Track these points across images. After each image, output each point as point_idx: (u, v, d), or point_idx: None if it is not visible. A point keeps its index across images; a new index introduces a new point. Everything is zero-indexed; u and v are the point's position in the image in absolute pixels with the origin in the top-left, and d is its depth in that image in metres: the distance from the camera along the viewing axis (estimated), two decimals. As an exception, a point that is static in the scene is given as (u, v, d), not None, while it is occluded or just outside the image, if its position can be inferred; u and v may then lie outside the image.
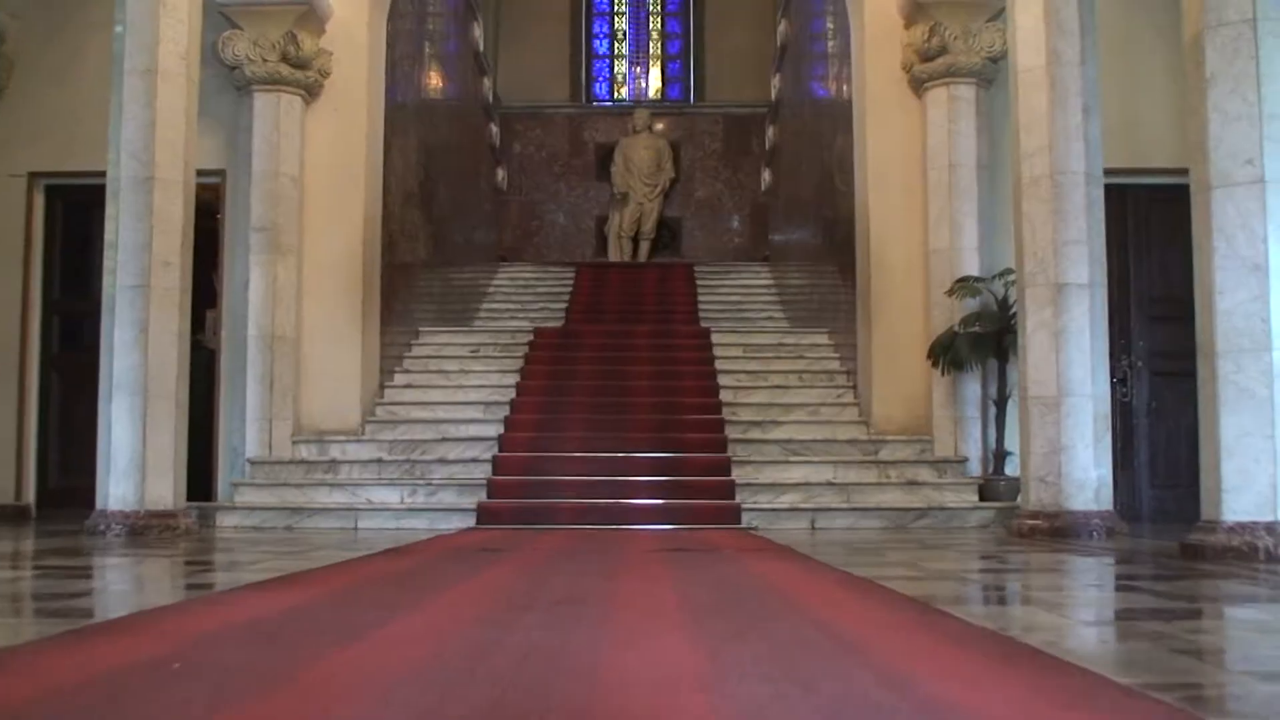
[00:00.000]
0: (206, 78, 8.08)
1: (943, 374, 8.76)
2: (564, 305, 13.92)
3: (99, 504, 6.94)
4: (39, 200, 9.75)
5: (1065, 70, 7.06)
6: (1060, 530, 6.77)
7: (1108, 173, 7.45)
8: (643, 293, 14.57)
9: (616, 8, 19.16)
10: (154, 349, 6.95)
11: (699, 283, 14.80)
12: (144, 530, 6.78)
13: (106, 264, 7.06)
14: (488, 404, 9.73)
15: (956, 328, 8.73)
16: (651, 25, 19.12)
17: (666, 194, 17.63)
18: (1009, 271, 8.56)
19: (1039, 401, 6.96)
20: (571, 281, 14.84)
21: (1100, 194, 7.12)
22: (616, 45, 19.09)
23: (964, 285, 8.66)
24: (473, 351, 10.82)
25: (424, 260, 11.41)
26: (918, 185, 9.24)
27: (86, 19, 9.52)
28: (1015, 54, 7.24)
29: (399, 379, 10.17)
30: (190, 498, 7.51)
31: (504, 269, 15.34)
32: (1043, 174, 7.04)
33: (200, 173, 7.77)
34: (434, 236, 11.79)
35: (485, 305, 13.88)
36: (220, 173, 9.43)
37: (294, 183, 9.11)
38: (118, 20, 7.19)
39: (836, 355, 10.60)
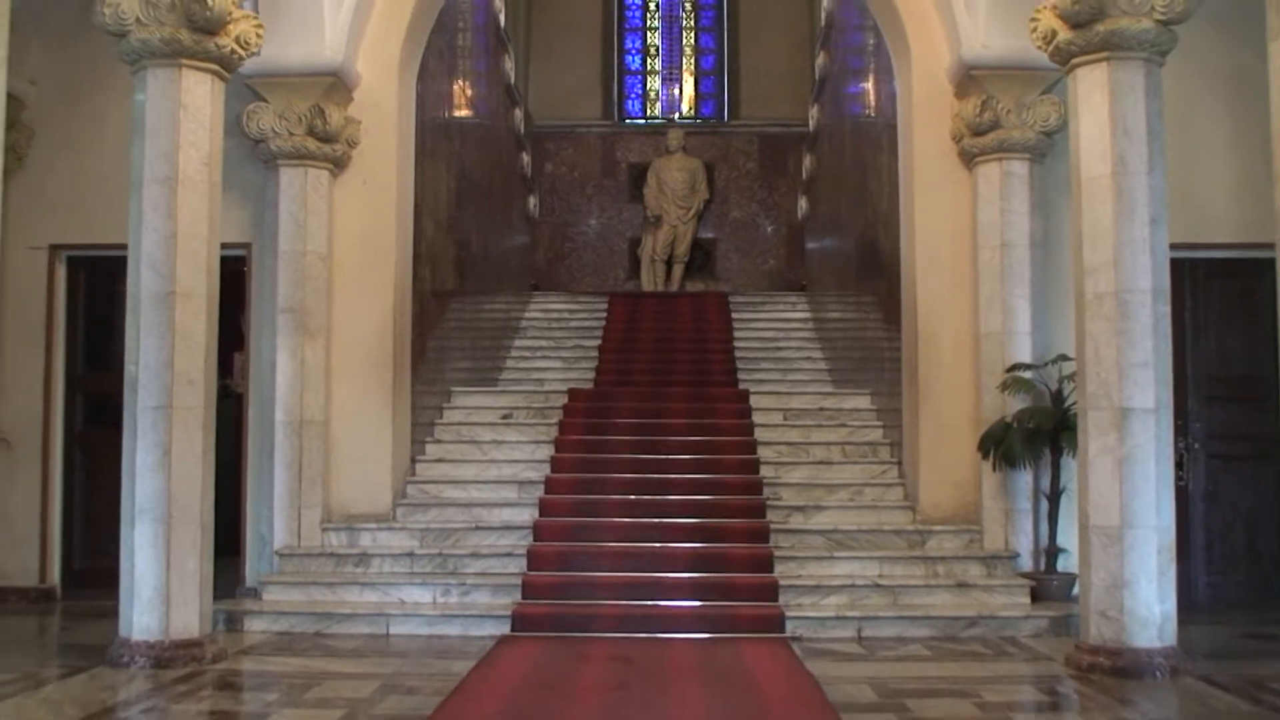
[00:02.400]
0: (231, 147, 7.78)
1: (994, 469, 8.44)
2: (596, 343, 13.62)
3: (122, 631, 6.71)
4: (60, 272, 9.50)
5: (1132, 180, 6.68)
6: (1122, 669, 6.44)
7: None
8: (676, 329, 14.25)
9: (649, 23, 18.71)
10: (177, 472, 6.69)
11: (734, 315, 14.48)
12: (169, 662, 6.55)
13: (127, 380, 6.80)
14: (521, 483, 9.46)
15: (1009, 419, 8.39)
16: (685, 41, 18.65)
17: (700, 215, 17.26)
18: (1063, 358, 8.23)
19: (1101, 532, 6.62)
20: (604, 314, 14.53)
21: (1167, 310, 6.75)
22: (649, 61, 18.65)
23: (1017, 379, 8.31)
24: (505, 417, 10.53)
25: (455, 313, 11.13)
26: (967, 263, 8.88)
27: (107, 84, 9.23)
28: (1078, 160, 6.86)
29: (430, 450, 9.91)
30: (218, 553, 7.19)
31: (536, 300, 15.04)
32: (1107, 291, 6.67)
33: (225, 245, 7.47)
34: (466, 282, 11.52)
35: (517, 343, 13.60)
36: (246, 246, 9.16)
37: (322, 260, 8.83)
38: (136, 122, 6.88)
39: (879, 423, 10.27)
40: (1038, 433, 8.20)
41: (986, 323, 8.70)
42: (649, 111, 18.64)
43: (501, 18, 13.14)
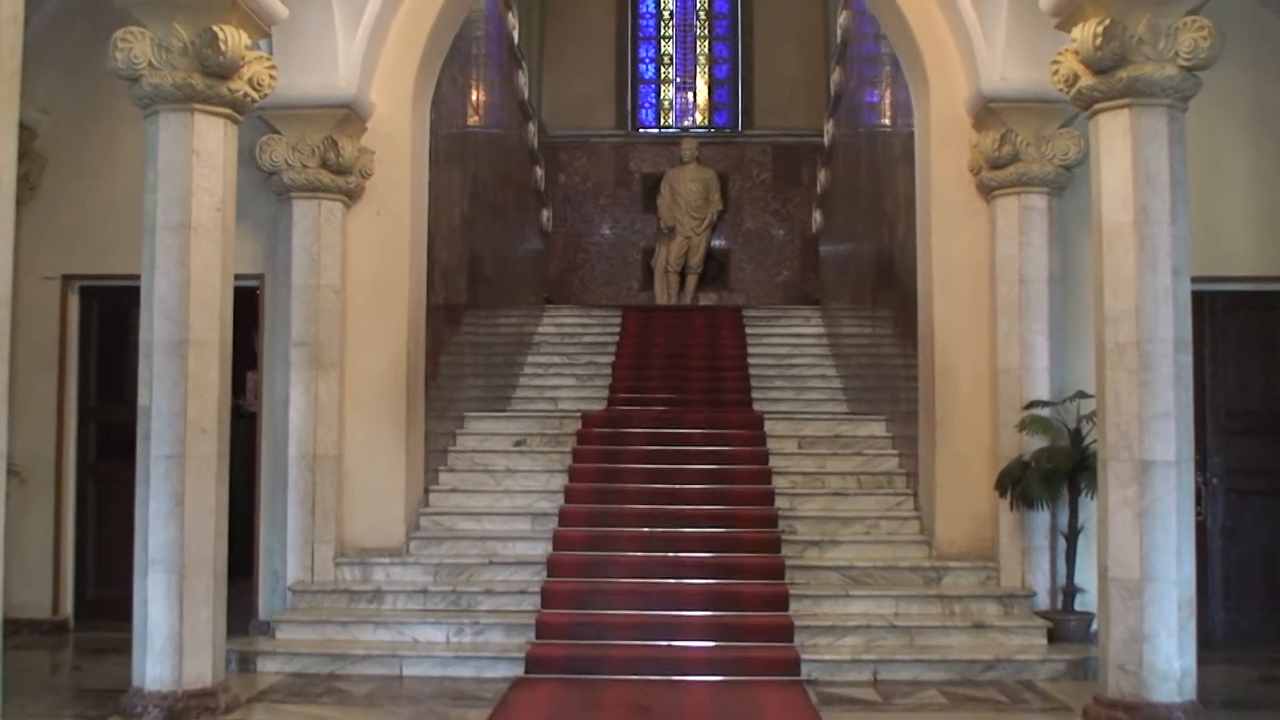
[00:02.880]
0: (244, 178, 7.70)
1: (1011, 508, 8.38)
2: (609, 359, 13.57)
3: (135, 680, 6.67)
4: (73, 301, 9.48)
5: (1155, 229, 6.59)
6: (1141, 725, 6.39)
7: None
8: (689, 345, 14.17)
9: (663, 31, 18.61)
10: (190, 521, 6.65)
11: (748, 330, 14.41)
12: (182, 714, 6.51)
13: (140, 430, 6.76)
14: (535, 515, 9.42)
15: (1026, 458, 8.32)
16: (699, 50, 18.54)
17: (714, 226, 17.18)
18: (1081, 395, 8.16)
19: (1120, 585, 6.54)
20: (618, 328, 14.47)
21: (1189, 360, 6.66)
22: (663, 70, 18.55)
23: (1035, 419, 8.24)
24: (518, 444, 10.47)
25: (469, 333, 11.08)
26: (985, 296, 8.81)
27: (119, 112, 9.05)
28: (1100, 206, 6.77)
29: (444, 479, 9.86)
30: (231, 579, 7.13)
31: (549, 313, 14.98)
32: (1129, 341, 6.58)
33: (238, 276, 7.41)
34: (479, 301, 11.47)
35: (531, 359, 13.56)
36: (259, 277, 9.12)
37: (335, 293, 8.79)
38: (148, 168, 6.82)
39: (895, 451, 10.19)
40: (1055, 473, 8.13)
41: (1004, 358, 8.63)
42: (663, 121, 18.56)
43: (515, 34, 13.07)
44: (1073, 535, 8.31)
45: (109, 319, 9.54)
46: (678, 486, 9.74)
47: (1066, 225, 8.76)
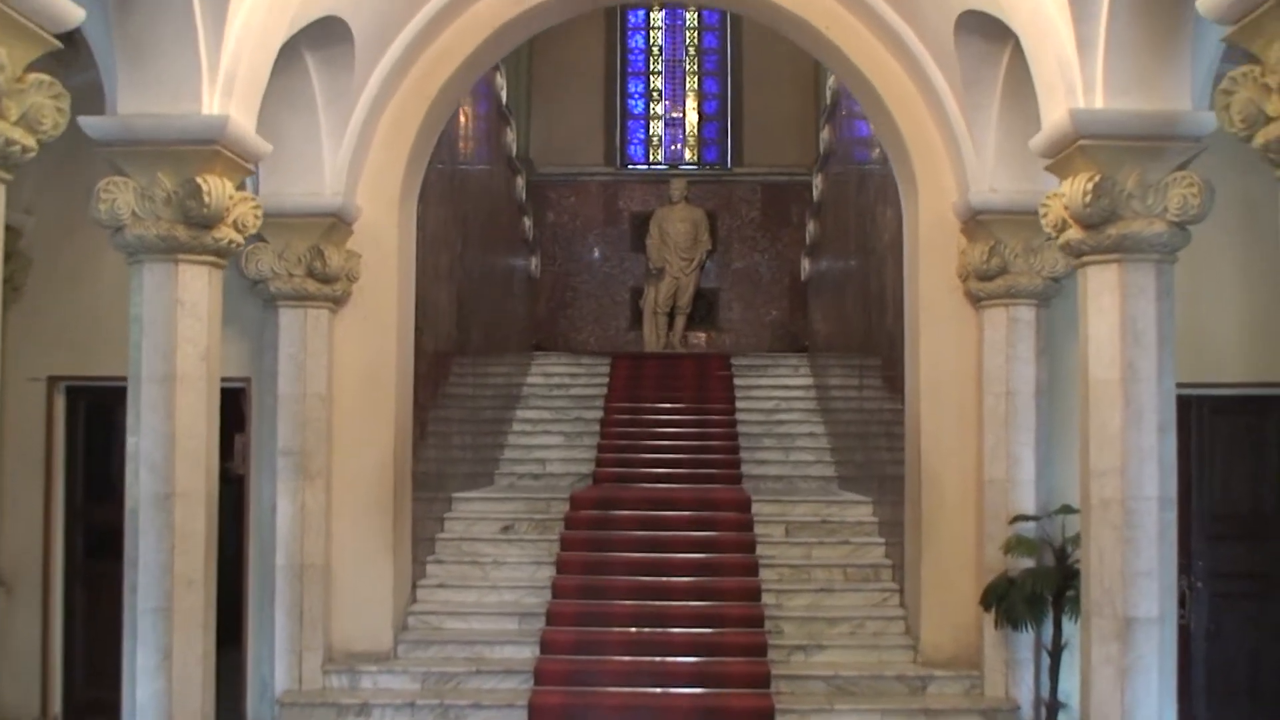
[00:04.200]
0: (231, 278, 7.68)
1: (996, 626, 8.42)
2: (598, 415, 13.62)
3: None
4: (59, 402, 9.45)
5: (1141, 386, 6.60)
6: None
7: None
8: (679, 397, 14.22)
9: (652, 66, 18.50)
10: (178, 675, 6.66)
11: (736, 382, 14.47)
12: None
13: (127, 581, 6.76)
14: (522, 614, 9.45)
15: (1011, 574, 8.36)
16: (688, 85, 18.45)
17: (703, 266, 17.17)
18: (1067, 509, 8.18)
19: (1103, 741, 6.61)
20: (606, 380, 14.49)
21: (1174, 517, 6.70)
22: (652, 106, 18.47)
23: (1021, 541, 8.27)
24: (505, 528, 10.49)
25: (457, 407, 11.09)
26: (972, 405, 8.82)
27: (105, 211, 9.11)
28: (1087, 361, 6.78)
29: (432, 571, 9.90)
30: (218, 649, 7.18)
31: (538, 362, 14.98)
32: (1114, 498, 6.61)
33: (225, 379, 7.39)
34: (468, 373, 11.51)
35: (519, 414, 13.60)
36: (245, 380, 9.11)
37: (322, 401, 8.77)
38: (132, 317, 6.78)
39: (881, 539, 10.25)
40: (1040, 597, 8.16)
41: (991, 470, 8.65)
42: (652, 156, 18.49)
43: (504, 94, 12.99)
44: (1056, 652, 8.35)
45: (95, 418, 9.53)
46: (665, 580, 9.79)
47: (1054, 335, 8.76)
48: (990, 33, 7.70)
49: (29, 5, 4.82)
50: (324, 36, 7.86)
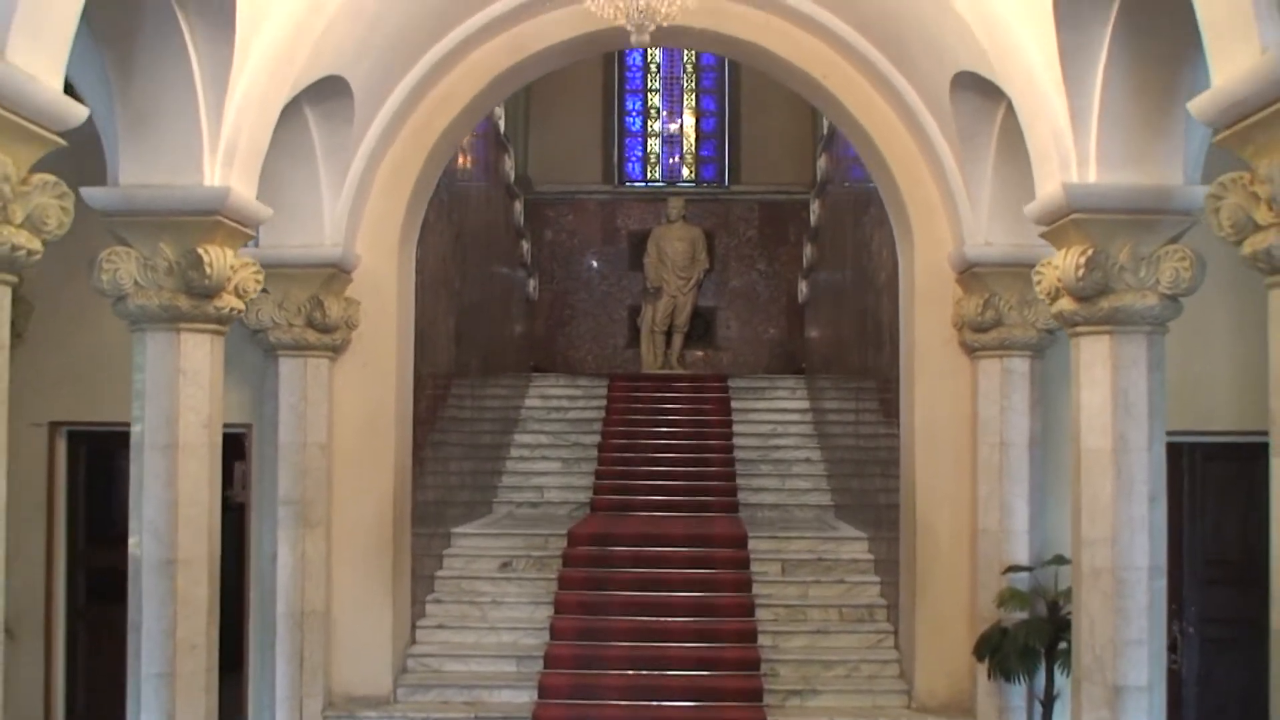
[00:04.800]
0: (232, 330, 7.74)
1: (989, 677, 8.51)
2: (596, 439, 13.73)
3: None
4: (61, 448, 9.51)
5: (1133, 457, 6.67)
6: None
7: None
8: (676, 421, 14.35)
9: (650, 84, 18.53)
10: (181, 739, 6.76)
11: (733, 405, 14.55)
12: None
13: (130, 646, 6.83)
14: (520, 656, 9.54)
15: (1005, 625, 8.44)
16: (686, 103, 18.48)
17: (700, 284, 17.23)
18: (1060, 560, 8.27)
19: (1093, 807, 6.71)
20: (603, 403, 14.57)
21: (1163, 585, 6.78)
22: (649, 124, 18.50)
23: (1014, 594, 8.35)
24: (504, 566, 10.57)
25: (455, 438, 11.16)
26: (967, 454, 8.90)
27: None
28: (1079, 430, 6.85)
29: (431, 612, 9.99)
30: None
31: (535, 384, 15.06)
32: (1104, 567, 6.69)
33: (226, 425, 7.45)
34: (466, 405, 11.59)
35: (517, 438, 13.70)
36: (246, 426, 9.17)
37: (322, 450, 8.84)
38: (135, 387, 6.84)
39: (877, 578, 10.35)
40: (1033, 650, 8.25)
41: (984, 519, 8.74)
42: (649, 174, 18.53)
43: (501, 124, 13.03)
44: (1049, 702, 8.44)
45: (97, 462, 9.59)
46: (662, 620, 9.87)
47: (1049, 385, 8.84)
48: (987, 89, 7.74)
49: (32, 107, 4.69)
50: (324, 92, 7.90)
